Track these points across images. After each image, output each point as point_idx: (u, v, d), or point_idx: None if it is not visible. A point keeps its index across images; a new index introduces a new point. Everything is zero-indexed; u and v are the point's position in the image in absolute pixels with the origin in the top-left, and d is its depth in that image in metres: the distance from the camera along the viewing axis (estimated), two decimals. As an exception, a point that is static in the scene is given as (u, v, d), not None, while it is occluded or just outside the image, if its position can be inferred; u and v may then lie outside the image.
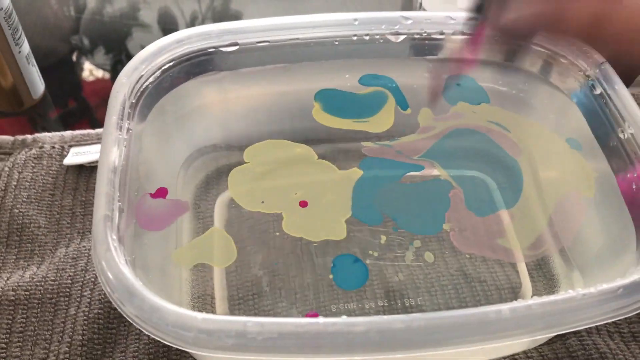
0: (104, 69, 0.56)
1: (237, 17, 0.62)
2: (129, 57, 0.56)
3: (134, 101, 0.33)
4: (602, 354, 0.35)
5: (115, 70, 0.56)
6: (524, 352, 0.35)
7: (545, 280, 0.37)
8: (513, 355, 0.35)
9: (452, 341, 0.26)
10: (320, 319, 0.25)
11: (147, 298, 0.25)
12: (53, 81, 0.51)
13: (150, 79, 0.34)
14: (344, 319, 0.25)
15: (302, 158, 0.39)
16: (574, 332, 0.36)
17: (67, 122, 0.51)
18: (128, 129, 0.32)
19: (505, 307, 0.26)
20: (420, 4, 0.54)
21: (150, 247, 0.32)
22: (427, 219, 0.38)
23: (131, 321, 0.26)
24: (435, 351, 0.26)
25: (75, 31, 0.59)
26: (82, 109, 0.53)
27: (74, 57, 0.58)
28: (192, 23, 0.61)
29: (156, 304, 0.25)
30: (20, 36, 0.45)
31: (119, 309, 0.26)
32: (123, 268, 0.26)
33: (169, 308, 0.25)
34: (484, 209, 0.39)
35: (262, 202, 0.38)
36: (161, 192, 0.33)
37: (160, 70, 0.35)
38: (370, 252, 0.37)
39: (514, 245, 0.38)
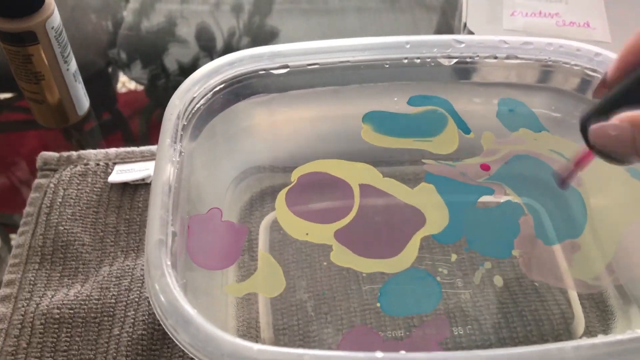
0: (140, 83, 0.57)
1: (273, 33, 0.62)
2: (165, 71, 0.57)
3: (185, 123, 0.33)
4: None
5: (152, 83, 0.56)
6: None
7: (599, 312, 0.36)
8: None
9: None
10: (379, 354, 0.24)
11: (202, 327, 0.25)
12: (91, 94, 0.52)
13: (202, 101, 0.34)
14: (402, 354, 0.24)
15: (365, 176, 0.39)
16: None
17: (103, 134, 0.51)
18: (180, 152, 0.32)
19: (568, 345, 0.25)
20: (465, 24, 0.53)
21: (199, 270, 0.32)
22: (497, 243, 0.37)
23: (185, 350, 0.25)
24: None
25: (112, 45, 0.60)
26: (116, 121, 0.54)
27: (111, 70, 0.58)
28: (229, 39, 0.61)
29: (211, 333, 0.25)
30: (69, 54, 0.45)
31: (172, 337, 0.26)
32: (177, 295, 0.26)
33: (224, 338, 0.25)
34: (551, 238, 0.38)
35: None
36: (213, 214, 0.33)
37: (211, 92, 0.35)
38: (440, 269, 0.37)
39: (580, 275, 0.37)
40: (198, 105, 0.34)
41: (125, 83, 0.57)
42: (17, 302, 0.38)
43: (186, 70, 0.56)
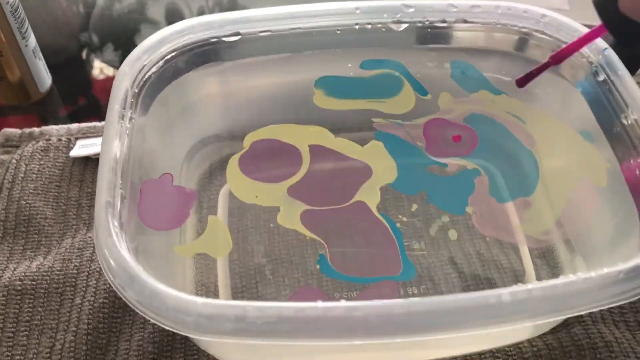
0: (113, 66, 0.56)
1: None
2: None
3: (136, 91, 0.33)
4: (607, 342, 0.35)
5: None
6: (528, 341, 0.35)
7: (548, 268, 0.37)
8: (517, 344, 0.35)
9: (452, 326, 0.26)
10: (320, 304, 0.25)
11: (148, 283, 0.25)
12: (63, 78, 0.52)
13: (153, 69, 0.34)
14: (343, 303, 0.25)
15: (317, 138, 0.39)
16: (579, 321, 0.36)
17: (78, 120, 0.51)
18: (131, 118, 0.32)
19: (505, 291, 0.26)
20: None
21: (153, 234, 0.32)
22: (454, 200, 0.38)
23: (132, 306, 0.26)
24: (435, 336, 0.26)
25: (84, 28, 0.60)
26: (92, 106, 0.54)
27: (84, 55, 0.58)
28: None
29: (157, 288, 0.25)
30: (26, 30, 0.45)
31: (120, 294, 0.26)
32: (124, 254, 0.26)
33: (169, 293, 0.25)
34: (504, 196, 0.39)
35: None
36: (165, 179, 0.33)
37: (162, 60, 0.35)
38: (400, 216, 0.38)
39: (530, 231, 0.38)
40: (149, 74, 0.34)
41: (102, 69, 0.57)
42: (-20, 276, 0.38)
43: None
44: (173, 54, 0.35)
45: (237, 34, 0.36)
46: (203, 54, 0.36)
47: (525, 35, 0.37)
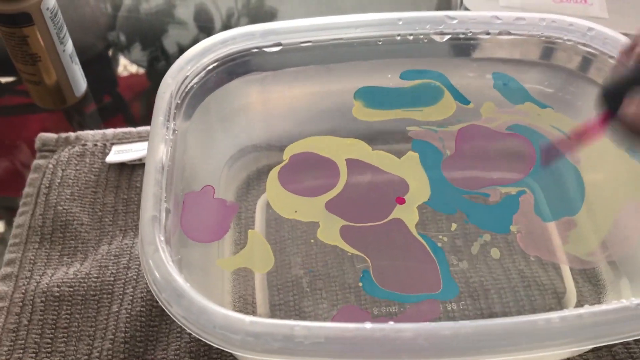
0: (140, 65, 0.57)
1: (272, 13, 0.62)
2: (165, 53, 0.57)
3: (179, 101, 0.33)
4: (649, 362, 0.34)
5: (151, 66, 0.56)
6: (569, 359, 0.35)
7: (591, 286, 0.36)
8: (557, 361, 0.35)
9: (500, 349, 0.25)
10: (368, 324, 0.25)
11: (195, 300, 0.25)
12: (90, 77, 0.52)
13: (195, 79, 0.34)
14: (391, 325, 0.25)
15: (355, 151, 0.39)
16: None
17: (103, 118, 0.51)
18: (174, 130, 0.32)
19: (555, 315, 0.25)
20: (461, 2, 0.53)
21: (193, 246, 0.32)
22: (497, 220, 0.38)
23: (178, 322, 0.26)
24: (482, 358, 0.25)
25: (112, 28, 0.60)
26: (117, 104, 0.54)
27: (111, 53, 0.58)
28: (228, 20, 0.61)
29: (204, 306, 0.25)
30: (64, 35, 0.45)
31: (166, 310, 0.26)
32: (171, 269, 0.26)
33: (216, 310, 0.25)
34: (547, 215, 0.38)
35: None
36: (207, 191, 0.33)
37: (205, 71, 0.35)
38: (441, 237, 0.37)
39: (574, 251, 0.37)
40: (191, 84, 0.34)
41: (126, 66, 0.57)
42: (18, 281, 0.39)
43: (185, 51, 0.56)
44: (215, 64, 0.35)
45: (279, 44, 0.36)
46: (244, 64, 0.36)
47: (570, 49, 0.37)
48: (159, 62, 0.57)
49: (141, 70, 0.56)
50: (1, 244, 0.42)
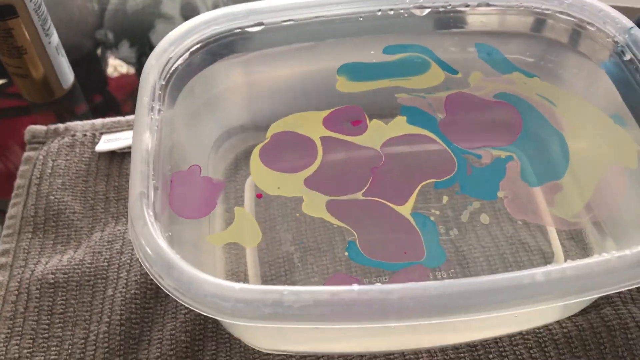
0: (128, 62, 0.57)
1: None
2: (152, 49, 0.57)
3: (163, 83, 0.34)
4: (638, 323, 0.35)
5: (140, 63, 0.56)
6: (558, 322, 0.35)
7: (578, 250, 0.37)
8: (547, 325, 0.35)
9: (487, 307, 0.26)
10: (355, 287, 0.25)
11: (186, 270, 0.26)
12: (80, 76, 0.52)
13: (179, 61, 0.35)
14: (378, 286, 0.25)
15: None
16: (609, 302, 0.36)
17: (95, 117, 0.51)
18: (159, 110, 0.32)
19: (538, 271, 0.26)
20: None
21: (183, 224, 0.33)
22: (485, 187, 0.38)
23: (170, 294, 0.26)
24: (469, 316, 0.26)
25: (99, 25, 0.60)
26: (108, 103, 0.54)
27: (99, 52, 0.58)
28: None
29: (194, 275, 0.26)
30: (49, 27, 0.46)
31: (157, 283, 0.27)
32: (161, 243, 0.27)
33: (207, 279, 0.26)
34: (534, 180, 0.39)
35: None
36: (193, 170, 0.34)
37: (188, 52, 0.35)
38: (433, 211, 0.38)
39: (560, 214, 0.38)
40: (175, 66, 0.35)
41: (117, 67, 0.57)
42: (13, 270, 0.39)
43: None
44: (198, 45, 0.36)
45: (261, 24, 0.37)
46: (227, 45, 0.36)
47: (548, 17, 0.37)
48: (147, 58, 0.57)
49: (130, 68, 0.56)
50: None
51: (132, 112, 0.50)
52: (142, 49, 0.58)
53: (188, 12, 0.62)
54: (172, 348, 0.35)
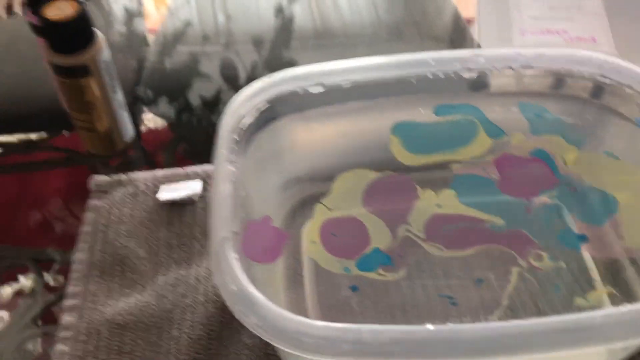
0: (165, 118, 0.58)
1: (292, 64, 0.65)
2: (190, 106, 0.60)
3: (236, 137, 0.37)
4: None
5: (177, 119, 0.58)
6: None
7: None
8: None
9: (547, 347, 0.28)
10: (430, 326, 0.27)
11: (270, 309, 0.28)
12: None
13: (249, 119, 0.38)
14: (450, 326, 0.27)
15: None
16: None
17: (130, 169, 0.53)
18: (233, 162, 0.35)
19: (597, 314, 0.28)
20: (478, 44, 0.57)
21: (255, 267, 0.35)
22: None
23: (254, 331, 0.28)
24: (533, 354, 0.28)
25: (138, 82, 0.63)
26: (141, 156, 0.56)
27: (137, 108, 0.60)
28: (252, 71, 0.64)
29: (278, 313, 0.28)
30: (116, 84, 0.49)
31: (241, 321, 0.29)
32: (245, 282, 0.29)
33: (290, 317, 0.28)
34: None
35: None
36: (266, 220, 0.36)
37: (257, 110, 0.38)
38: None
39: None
40: (246, 122, 0.38)
41: (145, 122, 0.60)
42: (83, 311, 0.41)
43: (209, 104, 0.59)
44: (265, 104, 0.39)
45: (321, 84, 0.40)
46: (291, 104, 0.40)
47: (588, 80, 0.40)
48: (184, 114, 0.59)
49: (161, 126, 0.57)
50: (32, 296, 0.44)
51: (166, 165, 0.53)
52: (180, 105, 0.60)
53: (228, 71, 0.65)
54: (235, 387, 0.37)
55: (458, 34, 0.63)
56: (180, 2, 0.70)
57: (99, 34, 0.47)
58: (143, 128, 0.57)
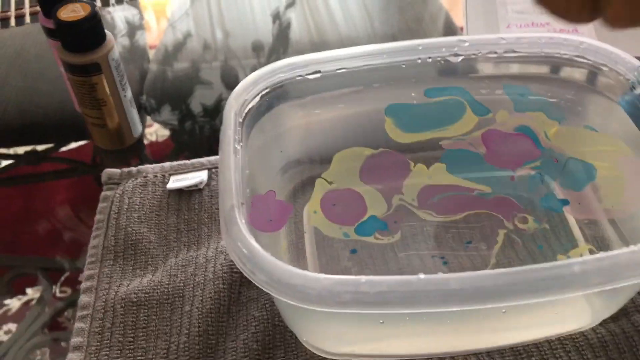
0: (168, 125, 0.60)
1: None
2: (191, 113, 0.62)
3: (240, 120, 0.39)
4: (665, 327, 0.39)
5: (180, 126, 0.60)
6: (592, 329, 0.39)
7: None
8: (580, 329, 0.39)
9: (531, 294, 0.30)
10: (422, 275, 0.30)
11: (277, 265, 0.31)
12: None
13: (252, 103, 0.41)
14: (441, 275, 0.30)
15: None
16: (637, 310, 0.40)
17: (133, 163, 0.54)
18: (238, 141, 0.38)
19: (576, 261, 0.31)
20: (467, 32, 0.60)
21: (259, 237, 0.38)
22: None
23: (261, 287, 0.31)
24: (521, 301, 0.30)
25: (140, 92, 0.65)
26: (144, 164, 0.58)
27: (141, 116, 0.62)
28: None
29: (285, 269, 0.30)
30: (125, 82, 0.52)
31: (250, 278, 0.31)
32: (254, 243, 0.32)
33: (295, 272, 0.30)
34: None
35: None
36: (270, 194, 0.39)
37: (259, 96, 0.41)
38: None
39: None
40: (249, 107, 0.40)
41: (147, 135, 0.62)
42: (98, 292, 0.44)
43: (210, 111, 0.61)
44: (267, 90, 0.41)
45: (318, 72, 0.43)
46: (290, 90, 0.42)
47: (566, 61, 0.43)
48: (186, 122, 0.61)
49: (162, 137, 0.59)
50: (39, 304, 0.46)
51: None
52: (182, 112, 0.62)
53: (229, 77, 0.68)
54: (245, 356, 0.39)
55: (448, 30, 0.66)
56: (179, 14, 0.73)
57: (109, 33, 0.50)
58: (145, 141, 0.58)
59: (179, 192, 0.50)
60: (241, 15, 0.72)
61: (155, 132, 0.59)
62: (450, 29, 0.67)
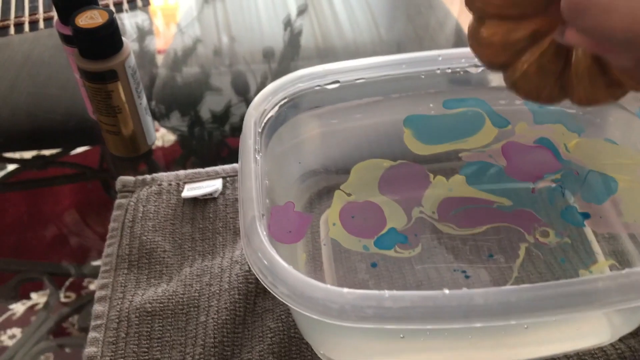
0: (177, 131, 0.60)
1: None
2: (200, 119, 0.62)
3: (259, 130, 0.39)
4: (686, 344, 0.38)
5: (190, 132, 0.60)
6: (611, 344, 0.39)
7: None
8: (600, 345, 0.39)
9: (557, 310, 0.30)
10: (446, 291, 0.29)
11: (298, 278, 0.30)
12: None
13: (271, 113, 0.40)
14: (465, 290, 0.30)
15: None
16: (657, 326, 0.40)
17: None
18: (258, 151, 0.38)
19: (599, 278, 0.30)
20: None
21: (279, 247, 0.37)
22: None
23: (283, 300, 0.31)
24: (542, 318, 0.30)
25: (150, 97, 0.65)
26: (152, 171, 0.58)
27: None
28: (262, 83, 0.67)
29: (306, 282, 0.30)
30: (141, 90, 0.52)
31: (271, 291, 0.31)
32: (275, 255, 0.31)
33: (317, 285, 0.30)
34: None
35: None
36: (289, 205, 0.39)
37: (278, 106, 0.41)
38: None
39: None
40: (268, 116, 0.40)
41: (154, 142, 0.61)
42: (112, 302, 0.43)
43: (220, 117, 0.61)
44: (285, 100, 0.41)
45: (337, 82, 0.42)
46: (309, 100, 0.42)
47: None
48: (195, 127, 0.61)
49: (169, 143, 0.58)
50: (45, 309, 0.46)
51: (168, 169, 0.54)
52: (192, 118, 0.62)
53: (238, 83, 0.67)
54: (261, 367, 0.39)
55: (460, 47, 0.66)
56: (188, 20, 0.73)
57: (126, 41, 0.50)
58: (158, 142, 0.58)
59: (194, 200, 0.50)
60: (249, 22, 0.72)
61: (162, 137, 0.59)
62: (458, 36, 0.67)
